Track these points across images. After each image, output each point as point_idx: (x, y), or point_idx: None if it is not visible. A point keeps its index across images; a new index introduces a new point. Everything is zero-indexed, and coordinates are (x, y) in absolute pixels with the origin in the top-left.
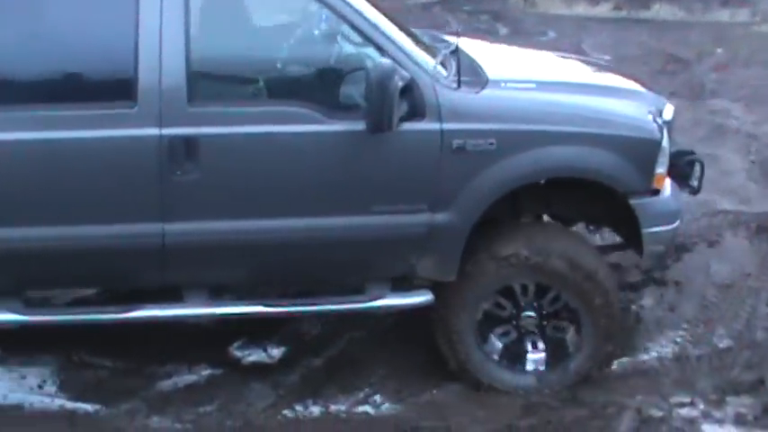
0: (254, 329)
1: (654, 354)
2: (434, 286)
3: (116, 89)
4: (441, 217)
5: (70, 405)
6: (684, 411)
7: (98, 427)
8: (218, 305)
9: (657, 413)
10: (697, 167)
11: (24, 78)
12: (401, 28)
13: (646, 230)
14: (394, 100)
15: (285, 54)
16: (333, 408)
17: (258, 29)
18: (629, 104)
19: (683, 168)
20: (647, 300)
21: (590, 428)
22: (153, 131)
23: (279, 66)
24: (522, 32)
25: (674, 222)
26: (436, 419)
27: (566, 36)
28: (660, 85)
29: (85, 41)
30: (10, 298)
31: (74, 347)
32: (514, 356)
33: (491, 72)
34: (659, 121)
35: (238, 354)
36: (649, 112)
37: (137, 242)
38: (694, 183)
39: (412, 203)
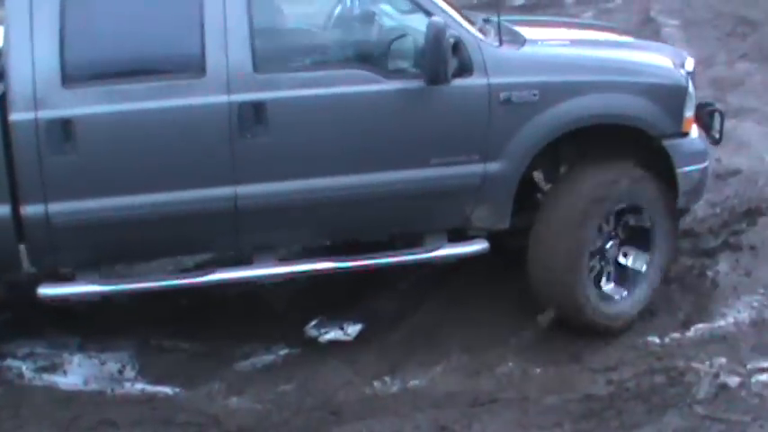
0: (330, 308)
1: (731, 319)
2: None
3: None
4: (492, 167)
5: (150, 389)
6: (763, 377)
7: (179, 409)
8: (288, 264)
9: (735, 379)
10: (717, 118)
11: (108, 56)
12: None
13: (680, 170)
14: (448, 53)
15: (341, 23)
16: (411, 383)
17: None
18: (654, 56)
19: (704, 119)
20: (723, 265)
21: (668, 395)
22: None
23: (336, 34)
24: None
25: (704, 162)
26: (514, 391)
27: (634, 1)
28: (730, 48)
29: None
30: (88, 270)
31: (151, 332)
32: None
33: (527, 34)
34: (683, 71)
35: (315, 332)
36: (674, 63)
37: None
38: (716, 134)
39: (466, 155)
